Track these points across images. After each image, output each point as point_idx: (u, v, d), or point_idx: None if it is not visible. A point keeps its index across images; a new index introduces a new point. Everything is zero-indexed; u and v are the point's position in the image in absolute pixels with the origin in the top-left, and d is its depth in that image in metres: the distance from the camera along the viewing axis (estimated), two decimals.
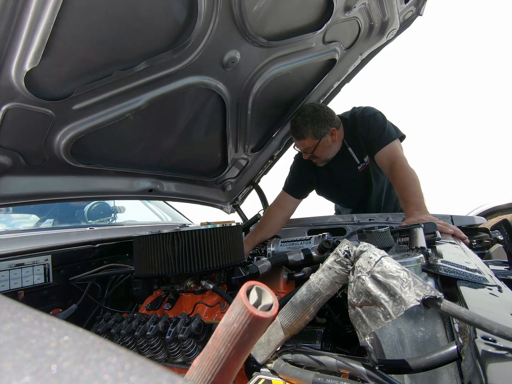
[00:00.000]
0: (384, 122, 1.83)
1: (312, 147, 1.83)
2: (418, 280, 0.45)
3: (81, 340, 0.18)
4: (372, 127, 1.81)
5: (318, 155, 1.88)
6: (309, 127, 1.77)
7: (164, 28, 1.17)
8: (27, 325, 0.18)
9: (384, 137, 1.77)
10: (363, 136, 1.84)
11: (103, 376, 0.16)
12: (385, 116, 1.87)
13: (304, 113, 1.79)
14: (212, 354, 0.33)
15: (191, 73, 1.37)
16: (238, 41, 1.35)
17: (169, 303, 1.21)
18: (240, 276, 1.20)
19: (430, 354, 0.47)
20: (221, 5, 1.16)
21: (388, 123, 1.84)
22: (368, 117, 1.84)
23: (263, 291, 0.34)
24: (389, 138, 1.77)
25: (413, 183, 1.58)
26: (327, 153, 1.89)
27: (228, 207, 2.48)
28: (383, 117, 1.85)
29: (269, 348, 0.61)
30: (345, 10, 1.49)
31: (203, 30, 1.21)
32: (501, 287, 0.63)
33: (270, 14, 1.32)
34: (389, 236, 0.98)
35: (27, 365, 0.16)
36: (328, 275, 0.54)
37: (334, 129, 1.82)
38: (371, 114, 1.85)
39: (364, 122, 1.84)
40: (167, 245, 1.13)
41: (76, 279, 1.48)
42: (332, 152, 1.91)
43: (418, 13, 1.73)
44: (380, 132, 1.78)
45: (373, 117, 1.83)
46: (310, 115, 1.77)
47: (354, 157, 1.91)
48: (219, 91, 1.54)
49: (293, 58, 1.61)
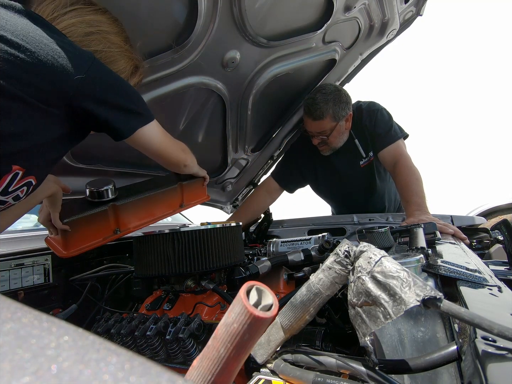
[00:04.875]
0: (390, 119, 1.79)
1: (329, 130, 1.70)
2: (418, 280, 0.45)
3: (81, 340, 0.18)
4: (379, 122, 1.76)
5: (331, 141, 1.76)
6: (330, 106, 1.64)
7: (164, 28, 1.17)
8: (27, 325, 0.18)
9: (390, 134, 1.73)
10: (369, 129, 1.78)
11: (103, 376, 0.16)
12: (391, 114, 1.83)
13: (325, 91, 1.65)
14: (212, 354, 0.33)
15: (191, 73, 1.37)
16: (238, 41, 1.35)
17: (169, 303, 1.21)
18: (240, 276, 1.20)
19: (430, 354, 0.47)
20: (221, 5, 1.16)
21: (394, 121, 1.80)
22: (375, 111, 1.79)
23: (263, 291, 0.34)
24: (395, 136, 1.73)
25: (415, 182, 1.56)
26: (338, 140, 1.78)
27: (228, 207, 2.48)
28: (389, 115, 1.81)
29: (269, 348, 0.61)
30: (345, 10, 1.49)
31: (203, 30, 1.21)
32: (501, 287, 0.63)
33: (270, 14, 1.32)
34: (389, 236, 0.98)
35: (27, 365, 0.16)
36: (328, 275, 0.54)
37: (351, 114, 1.74)
38: (378, 109, 1.80)
39: (371, 115, 1.78)
40: (167, 245, 1.13)
41: (76, 279, 1.48)
42: (342, 141, 1.81)
43: (418, 13, 1.73)
44: (387, 129, 1.74)
45: (380, 112, 1.78)
46: (333, 94, 1.65)
47: (360, 149, 1.83)
48: (219, 91, 1.54)
49: (293, 58, 1.61)
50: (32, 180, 0.76)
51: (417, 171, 1.62)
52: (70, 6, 0.79)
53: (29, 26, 0.65)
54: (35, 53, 0.63)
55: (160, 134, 0.91)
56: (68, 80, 0.68)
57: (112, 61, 0.87)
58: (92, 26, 0.81)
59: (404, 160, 1.65)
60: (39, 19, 0.71)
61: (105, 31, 0.84)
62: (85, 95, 0.71)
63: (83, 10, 0.81)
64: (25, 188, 0.75)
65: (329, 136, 1.73)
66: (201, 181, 1.36)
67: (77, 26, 0.79)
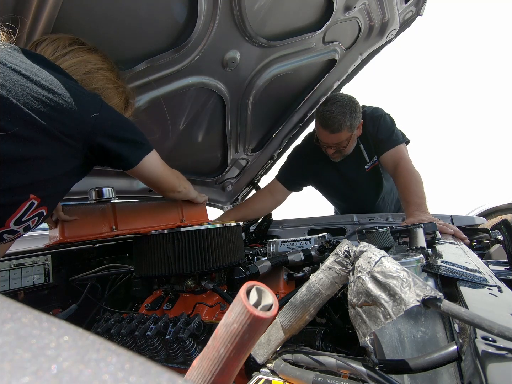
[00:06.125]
0: (393, 125, 1.82)
1: (345, 141, 1.71)
2: (418, 280, 0.45)
3: (81, 340, 0.18)
4: (381, 127, 1.78)
5: (346, 150, 1.77)
6: (347, 118, 1.63)
7: (164, 28, 1.17)
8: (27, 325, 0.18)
9: (392, 139, 1.75)
10: (372, 134, 1.81)
11: (103, 376, 0.16)
12: (394, 119, 1.86)
13: (340, 103, 1.64)
14: (212, 354, 0.33)
15: (191, 73, 1.37)
16: (238, 41, 1.35)
17: (169, 303, 1.21)
18: (240, 276, 1.20)
19: (430, 354, 0.47)
20: (221, 5, 1.16)
21: (396, 126, 1.83)
22: (378, 117, 1.82)
23: (263, 291, 0.34)
24: (397, 141, 1.75)
25: (415, 183, 1.57)
26: (351, 148, 1.80)
27: (228, 207, 2.48)
28: (392, 120, 1.84)
29: (269, 348, 0.61)
30: (345, 10, 1.49)
31: (203, 30, 1.21)
32: (501, 287, 0.63)
33: (270, 14, 1.32)
34: (389, 236, 0.98)
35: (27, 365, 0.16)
36: (328, 275, 0.54)
37: (362, 122, 1.75)
38: (381, 115, 1.83)
39: (374, 121, 1.81)
40: (167, 245, 1.13)
41: (76, 279, 1.47)
42: (353, 147, 1.82)
43: (418, 13, 1.73)
44: (389, 134, 1.76)
45: (383, 118, 1.81)
46: (348, 106, 1.64)
47: (365, 155, 1.86)
48: (219, 91, 1.54)
49: (293, 58, 1.61)
50: (43, 211, 0.81)
51: (417, 173, 1.63)
52: (68, 46, 0.89)
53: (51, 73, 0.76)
54: (62, 96, 0.75)
55: (160, 161, 1.01)
56: (88, 118, 0.79)
57: (109, 97, 0.96)
58: (91, 65, 0.92)
59: (405, 163, 1.67)
60: (55, 67, 0.82)
61: (101, 68, 0.94)
62: (99, 131, 0.81)
63: (80, 50, 0.91)
64: (36, 218, 0.81)
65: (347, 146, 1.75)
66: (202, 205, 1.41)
67: (79, 65, 0.89)
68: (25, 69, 0.72)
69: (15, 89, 0.68)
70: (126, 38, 1.12)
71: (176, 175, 1.13)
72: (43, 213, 0.82)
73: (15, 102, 0.68)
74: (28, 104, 0.69)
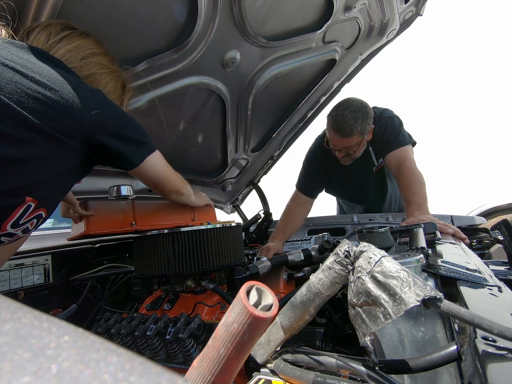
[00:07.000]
0: (400, 126, 1.82)
1: (356, 145, 1.72)
2: (418, 280, 0.45)
3: (81, 340, 0.18)
4: (388, 128, 1.79)
5: (356, 153, 1.78)
6: (359, 123, 1.64)
7: (164, 28, 1.17)
8: (27, 325, 0.18)
9: (398, 140, 1.75)
10: (379, 136, 1.81)
11: (103, 376, 0.16)
12: (402, 121, 1.86)
13: (352, 108, 1.64)
14: (212, 354, 0.33)
15: (191, 73, 1.37)
16: (238, 41, 1.35)
17: (169, 303, 1.21)
18: (240, 276, 1.20)
19: (430, 354, 0.47)
20: (221, 5, 1.16)
21: (404, 128, 1.83)
22: (386, 118, 1.82)
23: (263, 291, 0.34)
24: (403, 142, 1.75)
25: (417, 184, 1.57)
26: (361, 151, 1.81)
27: (228, 207, 2.48)
28: (400, 122, 1.84)
29: (269, 348, 0.61)
30: (345, 10, 1.49)
31: (203, 30, 1.21)
32: (501, 287, 0.63)
33: (270, 14, 1.32)
34: (389, 236, 0.98)
35: (27, 365, 0.16)
36: (328, 275, 0.54)
37: (373, 127, 1.76)
38: (389, 116, 1.83)
39: (382, 123, 1.81)
40: (167, 245, 1.13)
41: (76, 279, 1.48)
42: (362, 151, 1.84)
43: (418, 13, 1.73)
44: (395, 135, 1.77)
45: (391, 120, 1.81)
46: (360, 111, 1.65)
47: (373, 157, 1.88)
48: (219, 91, 1.54)
49: (293, 58, 1.61)
50: (42, 213, 0.79)
51: (420, 174, 1.63)
52: (61, 32, 0.85)
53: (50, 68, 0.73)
54: (59, 92, 0.71)
55: (164, 161, 0.99)
56: (86, 115, 0.75)
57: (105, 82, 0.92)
58: (85, 50, 0.88)
59: (408, 163, 1.67)
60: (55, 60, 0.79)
61: (95, 53, 0.90)
62: (100, 129, 0.78)
63: (72, 36, 0.87)
64: (35, 220, 0.79)
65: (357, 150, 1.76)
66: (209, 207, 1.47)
67: (73, 52, 0.85)
68: (20, 65, 0.68)
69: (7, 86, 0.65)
70: (126, 38, 1.12)
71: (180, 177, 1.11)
72: (42, 215, 0.79)
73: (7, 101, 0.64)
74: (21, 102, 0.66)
